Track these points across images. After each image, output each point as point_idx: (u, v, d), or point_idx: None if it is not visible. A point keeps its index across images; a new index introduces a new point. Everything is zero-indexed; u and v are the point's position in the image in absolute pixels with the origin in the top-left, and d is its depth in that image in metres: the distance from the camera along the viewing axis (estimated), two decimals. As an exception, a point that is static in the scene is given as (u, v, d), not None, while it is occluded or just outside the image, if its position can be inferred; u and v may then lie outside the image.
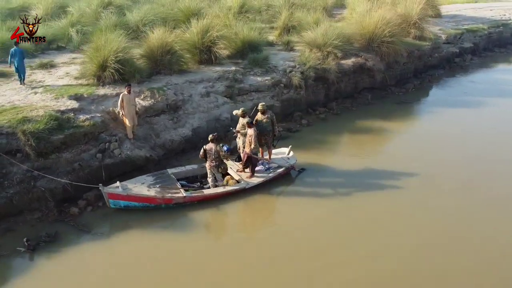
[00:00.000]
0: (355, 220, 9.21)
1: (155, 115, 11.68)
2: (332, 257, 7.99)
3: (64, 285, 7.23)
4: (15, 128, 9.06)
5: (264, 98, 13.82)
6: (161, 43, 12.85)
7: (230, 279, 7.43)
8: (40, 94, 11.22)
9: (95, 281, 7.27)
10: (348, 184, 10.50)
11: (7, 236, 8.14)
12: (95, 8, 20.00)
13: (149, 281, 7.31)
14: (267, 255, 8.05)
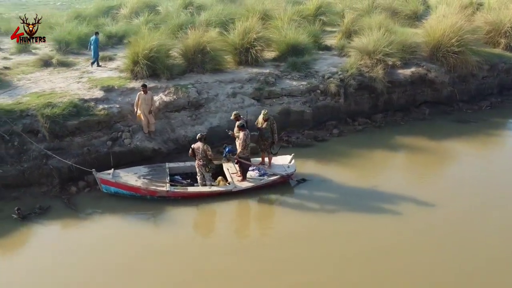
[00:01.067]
0: (331, 240, 8.53)
1: (175, 110, 12.21)
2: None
3: (30, 251, 8.13)
4: (38, 111, 10.35)
5: (295, 103, 13.52)
6: (195, 42, 13.35)
7: (175, 273, 7.54)
8: (81, 83, 12.60)
9: (58, 256, 7.98)
10: (347, 203, 9.74)
11: (12, 203, 9.36)
12: (176, 8, 21.63)
13: (109, 263, 7.74)
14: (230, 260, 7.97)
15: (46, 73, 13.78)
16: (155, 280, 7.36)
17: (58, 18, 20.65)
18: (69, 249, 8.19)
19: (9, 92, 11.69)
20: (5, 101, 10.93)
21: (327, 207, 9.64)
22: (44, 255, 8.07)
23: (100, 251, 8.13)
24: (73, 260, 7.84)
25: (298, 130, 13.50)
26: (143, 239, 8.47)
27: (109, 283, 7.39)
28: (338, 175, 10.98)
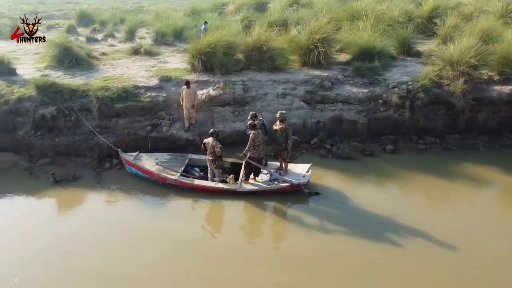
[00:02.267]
0: (324, 264, 7.77)
1: (220, 105, 12.51)
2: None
3: (52, 211, 9.43)
4: (94, 93, 11.79)
5: (348, 111, 12.57)
6: (253, 41, 13.39)
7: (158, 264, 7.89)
8: (149, 72, 13.85)
9: (72, 222, 9.04)
10: (357, 228, 8.69)
11: (58, 168, 10.91)
12: (282, 6, 22.00)
13: (109, 240, 8.39)
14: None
15: (130, 60, 15.50)
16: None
17: (171, 12, 23.00)
18: (71, 214, 9.26)
19: (88, 74, 13.53)
20: (77, 81, 12.70)
21: (331, 227, 8.77)
22: (50, 216, 9.25)
23: (96, 224, 8.90)
24: (82, 228, 8.80)
25: (349, 140, 12.46)
26: (137, 224, 8.91)
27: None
28: (363, 196, 9.88)
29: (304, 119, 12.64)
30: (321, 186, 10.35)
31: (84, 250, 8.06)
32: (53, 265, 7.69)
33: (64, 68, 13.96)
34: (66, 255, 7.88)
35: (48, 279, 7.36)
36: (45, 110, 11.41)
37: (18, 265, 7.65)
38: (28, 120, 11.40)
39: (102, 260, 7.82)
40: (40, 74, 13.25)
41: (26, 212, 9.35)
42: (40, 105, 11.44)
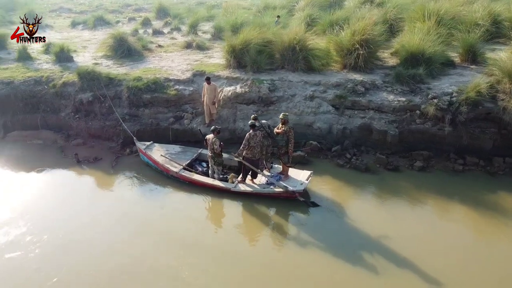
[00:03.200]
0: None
1: (245, 103, 12.43)
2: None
3: (69, 188, 10.28)
4: (127, 82, 12.55)
5: (379, 120, 11.61)
6: (289, 40, 13.00)
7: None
8: (189, 65, 14.30)
9: (85, 200, 9.75)
10: (345, 251, 7.99)
11: (87, 149, 11.88)
12: (355, 4, 21.14)
13: (109, 221, 8.93)
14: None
15: (180, 53, 16.16)
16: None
17: (239, 8, 23.36)
18: (76, 191, 10.12)
19: (134, 64, 14.42)
20: (121, 70, 13.62)
21: (314, 242, 8.21)
22: (57, 190, 10.15)
23: (109, 208, 9.45)
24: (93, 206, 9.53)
25: (376, 151, 11.52)
26: (149, 209, 9.28)
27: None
28: (366, 215, 9.05)
29: (330, 125, 11.98)
30: (326, 197, 9.75)
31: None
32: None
33: (116, 57, 15.06)
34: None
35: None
36: (83, 95, 12.45)
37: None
38: (69, 103, 12.57)
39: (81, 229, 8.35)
40: (93, 62, 14.48)
41: (41, 183, 10.36)
42: (79, 91, 12.53)
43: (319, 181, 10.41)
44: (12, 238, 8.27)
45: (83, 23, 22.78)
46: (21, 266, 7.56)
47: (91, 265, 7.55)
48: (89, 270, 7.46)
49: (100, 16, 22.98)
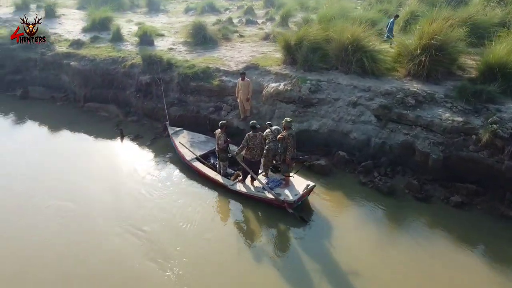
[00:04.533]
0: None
1: (285, 101, 12.01)
2: None
3: (108, 159, 11.40)
4: (179, 69, 13.26)
5: (423, 140, 10.10)
6: (342, 39, 11.97)
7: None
8: (250, 57, 14.37)
9: (120, 171, 10.83)
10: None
11: (138, 126, 13.05)
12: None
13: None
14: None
15: (253, 44, 16.29)
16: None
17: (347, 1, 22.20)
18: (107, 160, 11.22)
19: (202, 52, 15.10)
20: (186, 57, 14.39)
21: (292, 268, 7.60)
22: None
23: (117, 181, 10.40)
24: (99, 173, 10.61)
25: (414, 175, 10.06)
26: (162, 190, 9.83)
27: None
28: (360, 245, 8.07)
29: (368, 137, 10.82)
30: (326, 215, 8.96)
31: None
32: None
33: (192, 44, 15.96)
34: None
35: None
36: (143, 77, 13.61)
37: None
38: (133, 83, 13.87)
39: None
40: (169, 47, 15.61)
41: (82, 147, 11.98)
42: (141, 73, 13.71)
43: (330, 195, 9.60)
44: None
45: (194, 9, 24.49)
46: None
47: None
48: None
49: (210, 3, 24.33)
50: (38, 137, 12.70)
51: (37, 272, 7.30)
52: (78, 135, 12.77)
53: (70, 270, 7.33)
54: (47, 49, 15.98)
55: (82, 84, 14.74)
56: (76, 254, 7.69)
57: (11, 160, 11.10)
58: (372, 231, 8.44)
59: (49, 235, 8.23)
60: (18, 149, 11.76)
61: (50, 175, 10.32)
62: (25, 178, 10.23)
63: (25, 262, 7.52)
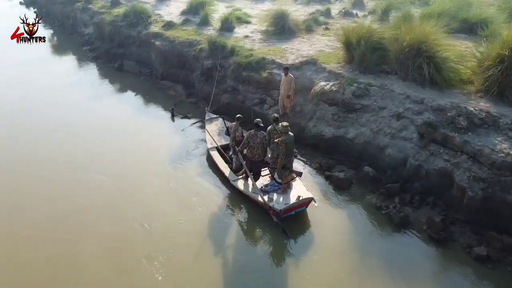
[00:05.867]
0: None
1: (329, 103, 11.14)
2: None
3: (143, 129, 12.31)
4: (235, 57, 13.29)
5: (463, 172, 8.40)
6: (403, 41, 10.41)
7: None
8: (315, 51, 13.63)
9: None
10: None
11: (193, 109, 13.66)
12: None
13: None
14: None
15: (331, 38, 15.28)
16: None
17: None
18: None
19: (275, 42, 14.78)
20: (254, 46, 14.25)
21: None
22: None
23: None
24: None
25: (444, 212, 8.48)
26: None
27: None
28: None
29: (405, 156, 9.42)
30: (315, 234, 8.25)
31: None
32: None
33: (269, 33, 15.80)
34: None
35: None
36: (206, 61, 14.05)
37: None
38: (200, 66, 14.46)
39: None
40: (246, 35, 15.73)
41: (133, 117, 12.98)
42: (206, 57, 14.17)
43: (333, 213, 8.74)
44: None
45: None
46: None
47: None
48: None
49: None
50: (110, 102, 14.33)
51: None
52: (140, 107, 13.97)
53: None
54: (144, 28, 17.62)
55: (162, 62, 15.92)
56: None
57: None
58: (355, 265, 7.41)
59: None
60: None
61: (91, 137, 11.57)
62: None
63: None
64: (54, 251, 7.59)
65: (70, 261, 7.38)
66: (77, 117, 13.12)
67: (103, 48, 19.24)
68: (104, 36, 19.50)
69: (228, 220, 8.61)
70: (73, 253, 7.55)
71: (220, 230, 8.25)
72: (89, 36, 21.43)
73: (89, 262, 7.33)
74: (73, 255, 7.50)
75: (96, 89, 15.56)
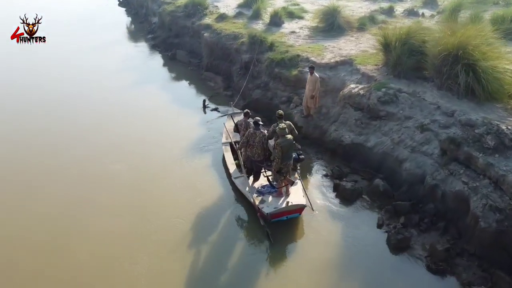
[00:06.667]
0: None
1: (354, 107, 10.46)
2: None
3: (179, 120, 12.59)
4: (269, 53, 13.02)
5: (480, 198, 7.41)
6: (443, 46, 9.32)
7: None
8: (357, 51, 12.88)
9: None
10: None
11: (227, 101, 13.67)
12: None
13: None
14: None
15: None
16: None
17: None
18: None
19: (320, 40, 14.20)
20: (297, 43, 13.84)
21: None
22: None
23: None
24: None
25: (455, 239, 7.58)
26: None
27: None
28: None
29: (423, 173, 8.54)
30: (301, 245, 7.81)
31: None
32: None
33: (317, 30, 15.27)
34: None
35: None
36: (244, 55, 13.97)
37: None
38: (240, 60, 14.44)
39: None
40: (292, 30, 15.36)
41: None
42: (245, 51, 14.09)
43: (328, 225, 8.20)
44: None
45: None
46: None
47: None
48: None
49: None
50: (151, 89, 14.80)
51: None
52: (177, 96, 14.23)
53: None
54: (198, 19, 18.02)
55: (208, 54, 16.15)
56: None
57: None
58: (331, 283, 6.88)
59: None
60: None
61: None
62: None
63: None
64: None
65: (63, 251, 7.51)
66: (114, 101, 13.79)
67: (162, 37, 20.04)
68: (165, 25, 20.28)
69: (220, 218, 8.44)
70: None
71: (207, 228, 8.08)
72: (154, 25, 22.47)
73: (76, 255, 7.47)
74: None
75: (144, 76, 16.21)
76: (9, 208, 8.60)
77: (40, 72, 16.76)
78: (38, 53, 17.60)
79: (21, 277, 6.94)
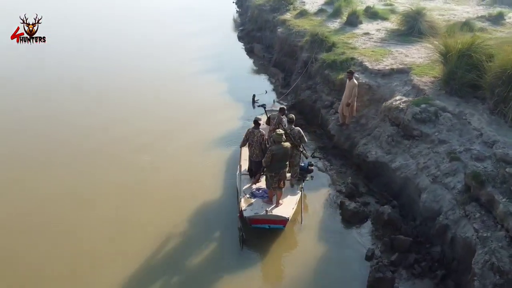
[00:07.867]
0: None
1: (391, 121, 9.32)
2: None
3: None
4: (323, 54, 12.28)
5: (489, 256, 6.09)
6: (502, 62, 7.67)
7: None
8: (423, 60, 11.41)
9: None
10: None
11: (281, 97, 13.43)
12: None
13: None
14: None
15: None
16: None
17: None
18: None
19: (392, 44, 12.94)
20: (364, 46, 12.81)
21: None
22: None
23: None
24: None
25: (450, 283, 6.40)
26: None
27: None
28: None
29: (440, 208, 7.28)
30: (273, 259, 7.31)
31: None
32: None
33: (394, 34, 13.98)
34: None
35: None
36: (304, 54, 13.43)
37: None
38: (301, 58, 13.97)
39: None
40: (367, 31, 14.30)
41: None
42: (305, 50, 13.55)
43: (317, 246, 7.50)
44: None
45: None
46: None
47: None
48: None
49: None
50: (212, 80, 15.17)
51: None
52: (234, 90, 14.22)
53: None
54: (280, 14, 17.86)
55: (278, 50, 15.97)
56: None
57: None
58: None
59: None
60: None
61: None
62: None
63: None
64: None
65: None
66: (172, 89, 14.44)
67: (247, 29, 20.40)
68: (253, 18, 20.60)
69: (214, 217, 8.25)
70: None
71: (197, 225, 7.94)
72: (247, 17, 23.00)
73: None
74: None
75: (215, 65, 16.65)
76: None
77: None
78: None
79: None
